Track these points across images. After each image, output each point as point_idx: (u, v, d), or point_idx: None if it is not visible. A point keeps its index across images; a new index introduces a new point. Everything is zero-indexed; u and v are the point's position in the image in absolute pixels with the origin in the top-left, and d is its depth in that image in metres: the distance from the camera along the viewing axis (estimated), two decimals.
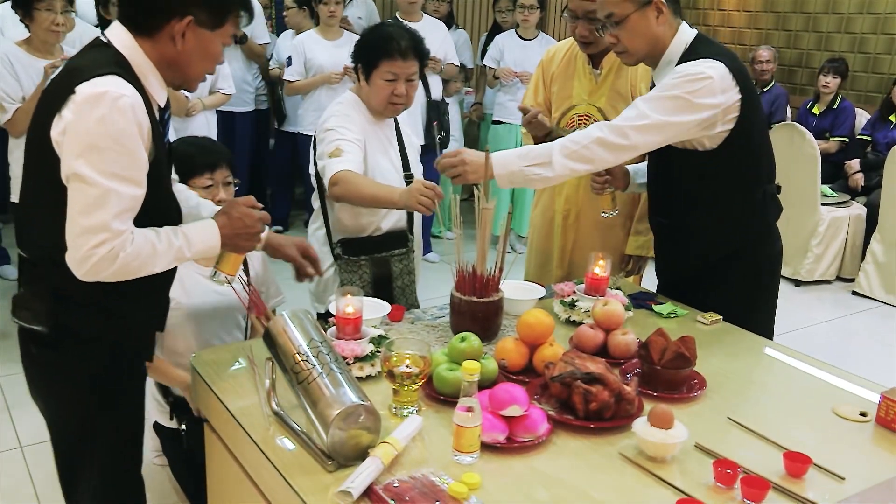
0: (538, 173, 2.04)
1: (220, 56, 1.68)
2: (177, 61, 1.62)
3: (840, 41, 6.26)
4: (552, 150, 2.03)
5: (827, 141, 5.63)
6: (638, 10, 2.02)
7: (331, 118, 2.41)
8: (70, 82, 1.51)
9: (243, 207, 1.73)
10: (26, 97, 3.30)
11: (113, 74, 1.51)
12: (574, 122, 2.63)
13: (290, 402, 1.52)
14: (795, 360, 1.95)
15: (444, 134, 4.85)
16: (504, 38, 5.31)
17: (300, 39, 4.73)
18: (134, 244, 1.53)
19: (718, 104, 1.97)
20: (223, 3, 1.61)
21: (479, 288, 1.92)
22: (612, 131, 2.00)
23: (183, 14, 1.56)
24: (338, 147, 2.31)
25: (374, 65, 2.34)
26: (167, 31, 1.58)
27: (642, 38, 2.06)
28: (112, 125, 1.48)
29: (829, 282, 5.23)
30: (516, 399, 1.49)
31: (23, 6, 3.23)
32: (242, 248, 1.76)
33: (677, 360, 1.70)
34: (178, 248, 1.61)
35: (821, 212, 5.07)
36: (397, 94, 2.36)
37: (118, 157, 1.50)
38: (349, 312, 1.77)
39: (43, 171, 1.57)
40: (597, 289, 2.11)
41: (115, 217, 1.50)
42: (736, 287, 2.20)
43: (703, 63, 1.98)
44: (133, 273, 1.56)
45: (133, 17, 1.59)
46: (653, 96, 2.01)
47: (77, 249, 1.50)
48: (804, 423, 1.64)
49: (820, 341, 4.26)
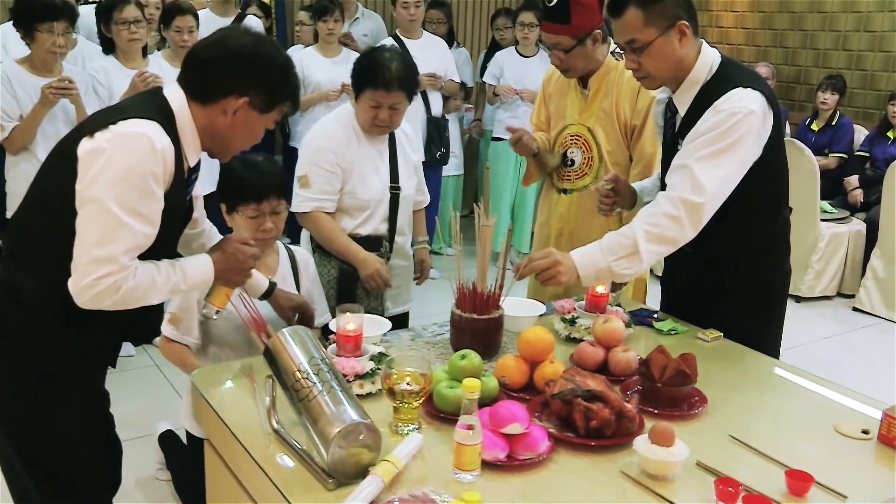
0: (625, 266, 1.92)
1: (260, 137, 1.78)
2: (221, 133, 1.71)
3: (837, 58, 6.30)
4: (636, 238, 1.91)
5: (826, 157, 5.65)
6: (662, 35, 1.94)
7: (315, 135, 2.57)
8: (114, 116, 1.59)
9: (237, 244, 1.81)
10: (24, 115, 3.31)
11: (155, 122, 1.60)
12: (567, 142, 2.66)
13: (290, 420, 1.51)
14: (797, 377, 1.95)
15: (444, 150, 4.87)
16: (504, 55, 5.33)
17: (298, 57, 4.75)
18: (136, 277, 1.59)
19: (762, 138, 1.94)
20: (278, 92, 1.71)
21: (479, 305, 1.92)
22: (688, 207, 1.90)
23: (241, 94, 1.66)
24: (307, 175, 2.50)
25: (360, 89, 2.47)
26: (221, 105, 1.67)
27: (667, 63, 1.98)
28: (142, 164, 1.55)
29: (830, 298, 5.23)
30: (517, 417, 1.48)
31: (25, 26, 3.25)
32: (234, 282, 1.84)
33: (678, 377, 1.70)
34: (174, 281, 1.69)
35: (820, 228, 5.07)
36: (380, 119, 2.48)
37: (141, 194, 1.56)
38: (350, 330, 1.76)
39: (53, 177, 1.65)
40: (597, 306, 2.11)
41: (125, 252, 1.56)
42: (747, 307, 2.16)
43: (742, 98, 1.91)
44: (132, 303, 1.62)
45: (193, 82, 1.68)
46: (706, 153, 1.90)
47: (82, 277, 1.55)
48: (806, 440, 1.63)
49: (821, 358, 4.25)
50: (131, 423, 2.14)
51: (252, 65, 1.66)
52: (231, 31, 1.77)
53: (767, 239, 2.15)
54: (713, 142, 1.90)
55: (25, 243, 1.69)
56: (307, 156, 2.53)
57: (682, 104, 2.05)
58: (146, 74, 3.44)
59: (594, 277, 1.97)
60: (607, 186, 2.25)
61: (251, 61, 1.66)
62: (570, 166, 2.66)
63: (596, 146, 2.60)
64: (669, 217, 1.91)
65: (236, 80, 1.65)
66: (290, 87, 1.74)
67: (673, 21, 1.93)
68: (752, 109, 1.90)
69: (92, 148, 1.55)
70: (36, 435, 1.74)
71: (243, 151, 1.86)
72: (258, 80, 1.67)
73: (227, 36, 1.71)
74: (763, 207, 2.09)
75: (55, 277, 1.58)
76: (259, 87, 1.67)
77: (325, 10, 4.61)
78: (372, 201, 2.58)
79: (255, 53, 1.67)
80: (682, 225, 1.92)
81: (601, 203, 2.29)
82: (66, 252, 1.57)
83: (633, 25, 1.94)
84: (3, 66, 3.40)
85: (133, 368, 3.59)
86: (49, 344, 1.69)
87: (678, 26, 1.94)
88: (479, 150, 5.97)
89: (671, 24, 1.93)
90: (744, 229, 2.09)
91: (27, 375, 1.70)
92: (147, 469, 2.81)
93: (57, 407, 1.73)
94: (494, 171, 5.17)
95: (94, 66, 3.62)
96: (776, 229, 2.16)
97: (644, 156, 2.56)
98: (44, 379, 1.71)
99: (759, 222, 2.11)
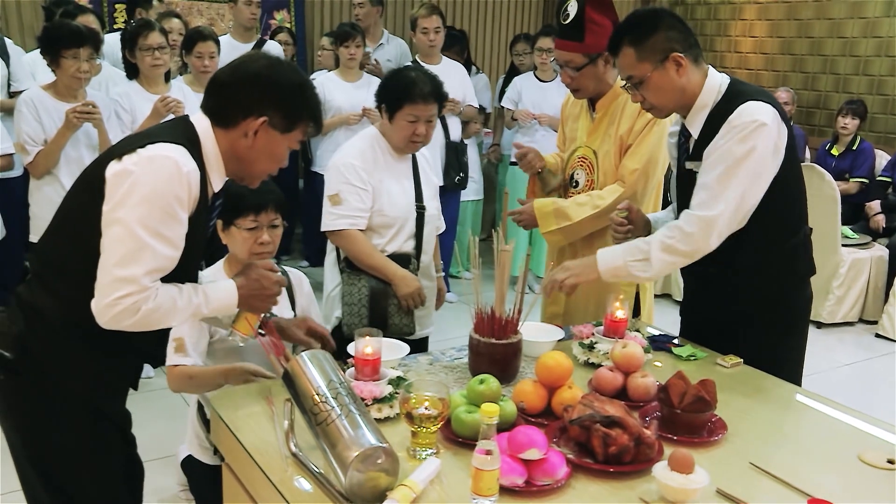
0: (639, 269, 2.05)
1: (284, 159, 1.79)
2: (244, 156, 1.73)
3: (858, 83, 6.27)
4: (651, 246, 2.04)
5: (847, 182, 5.62)
6: (657, 69, 2.00)
7: (344, 155, 2.60)
8: (142, 140, 1.63)
9: (261, 270, 1.82)
10: (48, 140, 3.38)
11: (183, 147, 1.63)
12: (575, 164, 2.68)
13: (308, 443, 1.52)
14: (819, 404, 1.92)
15: (462, 175, 4.89)
16: (522, 80, 5.37)
17: (320, 81, 4.80)
18: (156, 299, 1.60)
19: (779, 149, 1.97)
20: (296, 110, 1.73)
21: (497, 329, 1.92)
22: (703, 223, 1.97)
23: (260, 113, 1.68)
24: (338, 193, 2.54)
25: (397, 107, 2.52)
26: (242, 127, 1.70)
27: (667, 94, 2.04)
28: (168, 187, 1.58)
29: (852, 324, 5.17)
30: (535, 442, 1.47)
31: (51, 53, 3.33)
32: (258, 308, 1.84)
33: (697, 403, 1.69)
34: (196, 304, 1.70)
35: (842, 253, 5.02)
36: (417, 133, 2.54)
37: (165, 217, 1.59)
38: (368, 353, 1.77)
39: (80, 200, 1.68)
40: (616, 331, 2.10)
41: (146, 273, 1.58)
42: (769, 332, 2.15)
43: (752, 111, 1.94)
44: (152, 325, 1.63)
45: (214, 107, 1.72)
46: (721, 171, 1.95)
47: (104, 297, 1.57)
48: (829, 469, 1.61)
49: (843, 384, 4.20)
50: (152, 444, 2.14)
51: (269, 85, 1.69)
52: (250, 56, 1.81)
53: (785, 260, 2.14)
54: (727, 157, 1.95)
55: (51, 266, 1.72)
56: (338, 175, 2.56)
57: (695, 127, 2.08)
58: (168, 100, 3.50)
59: (612, 274, 2.09)
60: (621, 215, 2.27)
61: (268, 81, 1.69)
62: (575, 187, 2.68)
63: (598, 168, 2.61)
64: (683, 232, 2.00)
65: (255, 100, 1.68)
66: (309, 105, 1.76)
67: (665, 54, 1.99)
68: (764, 122, 1.93)
69: (119, 170, 1.58)
70: (58, 457, 1.75)
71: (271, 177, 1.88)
72: (276, 99, 1.69)
73: (246, 60, 1.76)
74: (778, 227, 2.09)
75: (79, 300, 1.60)
76: (278, 106, 1.69)
77: (346, 35, 4.68)
78: (399, 219, 2.61)
79: (272, 74, 1.71)
80: (695, 239, 1.99)
81: (615, 231, 2.30)
82: (91, 275, 1.59)
83: (629, 62, 2.04)
84: (29, 92, 3.47)
85: (152, 390, 3.61)
86: (72, 365, 1.71)
87: (672, 58, 1.99)
88: (498, 175, 5.98)
89: (664, 57, 2.00)
90: (760, 249, 2.09)
91: (50, 397, 1.71)
92: (170, 490, 2.83)
93: (79, 428, 1.75)
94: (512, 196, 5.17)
95: (118, 91, 3.69)
96: (793, 249, 2.14)
97: (624, 168, 2.53)
98: (66, 400, 1.72)
99: (776, 242, 2.10)
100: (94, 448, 1.79)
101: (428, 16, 4.63)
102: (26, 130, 3.37)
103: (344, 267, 2.62)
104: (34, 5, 5.36)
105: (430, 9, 4.68)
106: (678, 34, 2.02)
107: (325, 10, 6.54)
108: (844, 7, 6.32)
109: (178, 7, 5.67)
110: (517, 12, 7.39)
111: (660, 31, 2.00)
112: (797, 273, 2.17)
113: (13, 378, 1.71)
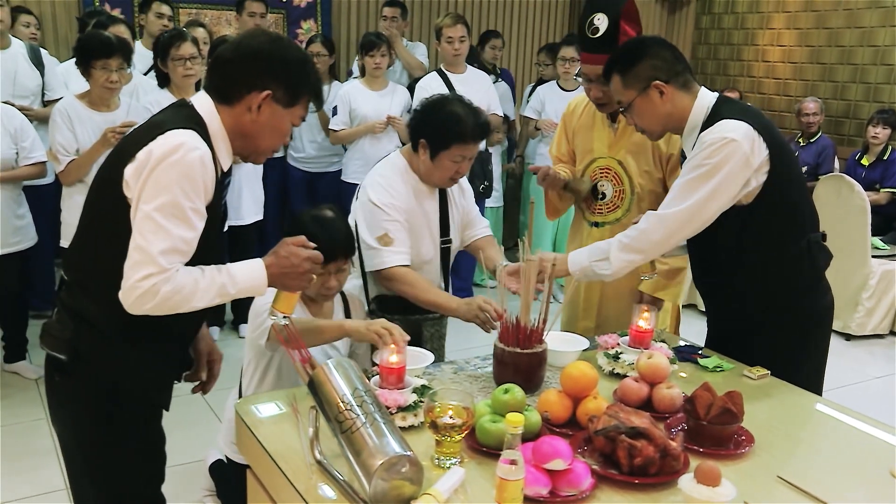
0: (601, 268, 2.16)
1: (288, 133, 1.82)
2: (249, 132, 1.75)
3: (890, 92, 6.19)
4: (611, 246, 2.15)
5: (877, 192, 5.54)
6: (640, 95, 2.12)
7: (378, 190, 2.44)
8: (150, 133, 1.64)
9: (291, 247, 1.77)
10: (80, 150, 3.43)
11: (191, 130, 1.65)
12: (596, 175, 2.67)
13: (332, 451, 1.52)
14: (848, 417, 1.90)
15: (487, 184, 4.90)
16: (545, 90, 5.37)
17: (346, 90, 4.84)
18: (175, 280, 1.61)
19: (751, 164, 2.01)
20: (298, 85, 1.75)
21: (522, 339, 1.92)
22: (658, 221, 2.09)
23: (262, 88, 1.70)
24: (387, 233, 2.39)
25: (444, 146, 2.39)
26: (245, 102, 1.71)
27: (652, 118, 2.15)
28: (181, 170, 1.60)
29: (882, 336, 5.10)
30: (560, 452, 1.47)
31: (83, 63, 3.41)
32: (292, 287, 1.78)
33: (724, 415, 1.67)
34: (220, 284, 1.68)
35: (871, 265, 4.96)
36: (459, 172, 2.46)
37: (180, 199, 1.60)
38: (393, 362, 1.77)
39: (101, 202, 1.71)
40: (641, 341, 2.09)
41: (161, 253, 1.59)
42: (783, 340, 2.16)
43: (723, 128, 2.01)
44: (175, 307, 1.63)
45: (217, 85, 1.74)
46: (687, 179, 2.05)
47: (126, 280, 1.60)
48: (859, 483, 1.59)
49: (873, 397, 4.14)
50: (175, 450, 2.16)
51: (271, 59, 1.71)
52: (251, 33, 1.82)
53: (789, 267, 2.14)
54: (691, 170, 2.05)
55: (84, 270, 1.75)
56: (380, 215, 2.41)
57: (688, 147, 2.16)
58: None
59: (581, 273, 2.20)
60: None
61: (271, 56, 1.71)
62: (602, 199, 2.66)
63: (627, 178, 2.60)
64: (639, 230, 2.12)
65: (257, 75, 1.70)
66: (310, 80, 1.77)
67: (647, 83, 2.10)
68: (733, 138, 2.00)
69: (136, 167, 1.61)
70: (108, 453, 1.80)
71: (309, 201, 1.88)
72: (279, 73, 1.71)
73: (247, 37, 1.79)
74: (777, 234, 2.11)
75: (118, 300, 1.63)
76: (280, 80, 1.71)
77: (371, 44, 4.71)
78: (424, 262, 2.53)
79: (274, 49, 1.72)
80: (648, 236, 2.10)
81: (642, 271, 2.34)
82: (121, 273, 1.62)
83: (617, 89, 2.17)
84: (63, 101, 3.54)
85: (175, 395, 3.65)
86: (121, 363, 1.75)
87: (654, 86, 2.10)
88: (522, 184, 5.98)
89: (646, 85, 2.10)
90: (760, 256, 2.13)
91: (102, 395, 1.76)
92: (193, 495, 2.85)
93: (128, 424, 1.80)
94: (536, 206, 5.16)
95: (149, 100, 3.74)
96: (797, 256, 2.14)
97: None
98: (116, 397, 1.76)
99: (776, 249, 2.13)
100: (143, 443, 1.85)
101: (453, 25, 4.65)
102: (59, 140, 3.43)
103: (375, 309, 2.50)
104: (69, 17, 5.46)
105: (455, 18, 4.69)
106: (662, 63, 2.11)
107: (353, 18, 6.59)
108: (876, 15, 6.26)
109: (206, 17, 5.73)
110: (543, 21, 7.38)
111: (644, 61, 2.11)
112: (803, 278, 2.17)
113: (66, 379, 1.77)
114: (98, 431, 1.79)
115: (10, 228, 3.62)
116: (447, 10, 6.63)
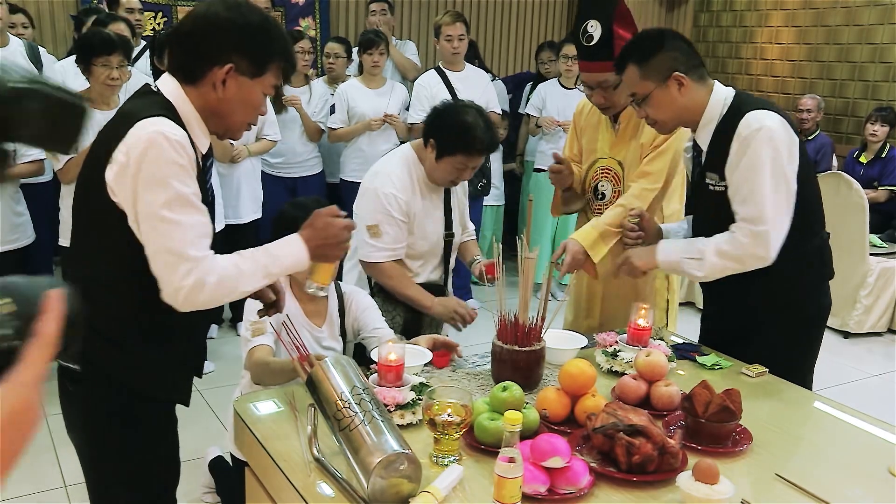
0: (692, 266, 2.12)
1: (261, 106, 1.72)
2: (218, 109, 1.66)
3: (888, 90, 6.20)
4: (707, 247, 2.09)
5: (875, 190, 5.55)
6: (659, 87, 2.08)
7: (384, 183, 2.50)
8: (122, 126, 1.57)
9: (327, 217, 1.71)
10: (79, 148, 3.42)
11: (162, 116, 1.57)
12: (597, 176, 2.67)
13: (331, 449, 1.52)
14: (847, 415, 1.90)
15: (485, 181, 4.89)
16: (546, 87, 5.36)
17: (343, 88, 4.83)
18: (217, 270, 1.57)
19: (795, 149, 2.02)
20: (263, 52, 1.65)
21: (521, 337, 1.92)
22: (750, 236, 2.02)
23: (224, 61, 1.61)
24: (378, 225, 2.47)
25: (450, 152, 2.46)
26: (210, 79, 1.62)
27: (669, 111, 2.11)
28: (166, 159, 1.53)
29: (880, 334, 5.10)
30: (558, 450, 1.47)
31: (83, 61, 3.40)
32: (331, 256, 1.75)
33: (722, 413, 1.67)
34: (264, 265, 1.64)
35: (870, 262, 4.96)
36: (461, 178, 2.53)
37: (179, 188, 1.54)
38: (391, 360, 1.77)
39: (90, 209, 1.65)
40: (639, 339, 2.09)
41: (188, 244, 1.54)
42: (783, 338, 2.16)
43: (757, 116, 2.00)
44: (225, 297, 1.60)
45: (180, 65, 1.66)
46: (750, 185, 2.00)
47: (167, 285, 1.55)
48: (857, 481, 1.59)
49: (871, 395, 4.13)
50: None
51: (227, 29, 1.61)
52: (206, 3, 1.67)
53: (799, 265, 2.13)
54: (749, 171, 2.00)
55: (83, 279, 1.69)
56: (377, 204, 2.49)
57: (704, 141, 2.13)
58: None
59: (668, 266, 2.20)
60: (633, 221, 2.30)
61: (227, 25, 1.61)
62: (601, 199, 2.66)
63: (625, 179, 2.60)
64: (738, 241, 2.05)
65: (215, 48, 1.60)
66: (276, 44, 1.67)
67: (667, 74, 2.07)
68: (769, 125, 1.98)
69: (118, 170, 1.55)
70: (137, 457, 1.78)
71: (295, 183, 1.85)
72: (239, 43, 1.61)
73: (203, 6, 1.66)
74: (792, 233, 2.08)
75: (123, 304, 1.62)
76: (242, 50, 1.61)
77: (370, 42, 4.70)
78: (428, 252, 2.61)
79: (230, 16, 1.61)
80: (748, 250, 2.03)
81: (626, 238, 2.32)
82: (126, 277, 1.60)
83: (633, 80, 2.12)
84: None
85: None
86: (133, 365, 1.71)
87: (674, 77, 2.06)
88: (522, 182, 5.98)
89: (666, 76, 2.07)
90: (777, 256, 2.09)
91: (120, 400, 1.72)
92: (194, 493, 2.86)
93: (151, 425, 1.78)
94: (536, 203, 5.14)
95: None
96: (808, 255, 2.15)
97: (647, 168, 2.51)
98: (134, 399, 1.73)
99: (788, 248, 2.09)
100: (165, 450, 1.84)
101: (452, 23, 4.64)
102: None
103: (377, 292, 2.58)
104: (67, 15, 5.46)
105: (454, 16, 4.68)
106: (681, 55, 2.09)
107: (350, 16, 6.58)
108: (874, 13, 6.25)
109: None
110: (541, 20, 7.38)
111: (663, 52, 2.08)
112: (812, 279, 2.18)
113: (79, 386, 1.73)
114: (123, 436, 1.75)
115: (8, 226, 3.61)
116: (437, 9, 6.62)
